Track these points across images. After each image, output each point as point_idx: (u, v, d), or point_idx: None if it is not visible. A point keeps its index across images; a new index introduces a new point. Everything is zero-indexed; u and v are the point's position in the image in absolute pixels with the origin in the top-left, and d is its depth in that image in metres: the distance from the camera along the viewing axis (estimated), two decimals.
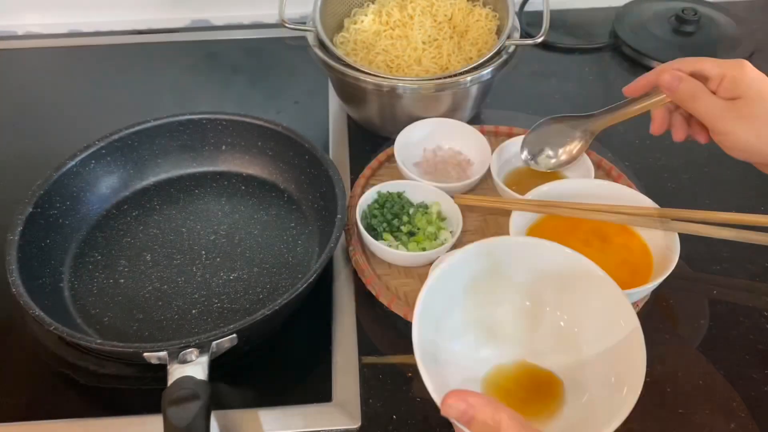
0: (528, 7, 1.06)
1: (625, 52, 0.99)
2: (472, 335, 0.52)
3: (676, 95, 0.59)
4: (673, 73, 0.59)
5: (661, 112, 0.62)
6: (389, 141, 0.78)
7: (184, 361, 0.53)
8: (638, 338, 0.46)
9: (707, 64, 0.58)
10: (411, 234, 0.69)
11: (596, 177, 0.73)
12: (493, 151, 0.75)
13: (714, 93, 0.58)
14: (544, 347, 0.52)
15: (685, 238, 0.61)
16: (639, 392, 0.44)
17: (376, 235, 0.69)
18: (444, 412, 0.39)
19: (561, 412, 0.48)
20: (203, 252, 0.70)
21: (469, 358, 0.51)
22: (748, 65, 0.57)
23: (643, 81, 0.62)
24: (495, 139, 0.81)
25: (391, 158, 0.79)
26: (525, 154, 0.72)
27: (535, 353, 0.52)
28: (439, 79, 0.75)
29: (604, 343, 0.49)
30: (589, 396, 0.48)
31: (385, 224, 0.69)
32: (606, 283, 0.50)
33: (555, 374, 0.51)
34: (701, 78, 0.58)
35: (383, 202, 0.71)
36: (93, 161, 0.72)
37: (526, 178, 0.75)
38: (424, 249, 0.67)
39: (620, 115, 0.65)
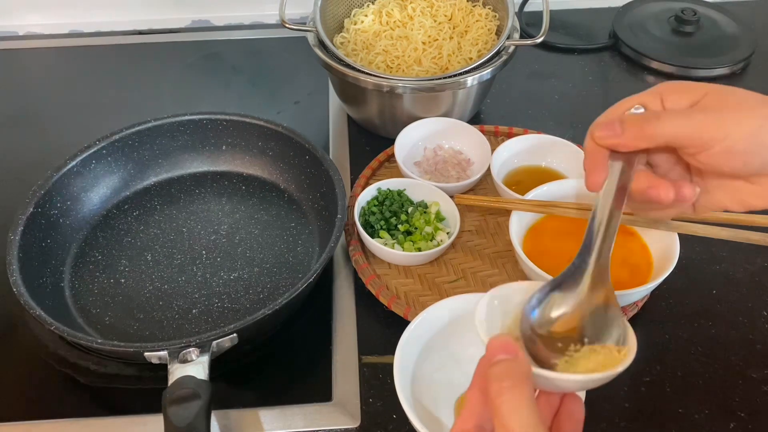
0: (528, 7, 1.06)
1: (625, 53, 0.99)
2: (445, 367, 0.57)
3: (626, 138, 0.42)
4: (603, 124, 0.43)
5: (644, 175, 0.44)
6: (389, 141, 0.79)
7: (185, 361, 0.53)
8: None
9: (632, 100, 0.45)
10: (408, 233, 0.69)
11: None
12: (493, 150, 0.75)
13: None
14: None
15: (685, 238, 0.62)
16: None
17: (373, 233, 0.69)
18: (490, 343, 0.37)
19: None
20: (204, 252, 0.70)
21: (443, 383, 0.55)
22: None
23: (591, 160, 0.44)
24: (495, 138, 0.81)
25: (391, 158, 0.79)
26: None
27: None
28: (439, 79, 0.75)
29: None
30: None
31: (382, 222, 0.69)
32: None
33: None
34: None
35: (383, 199, 0.71)
36: (94, 161, 0.72)
37: (526, 178, 0.75)
38: (419, 249, 0.67)
39: (612, 231, 0.43)
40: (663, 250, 0.63)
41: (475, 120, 0.86)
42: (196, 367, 0.53)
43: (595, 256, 0.42)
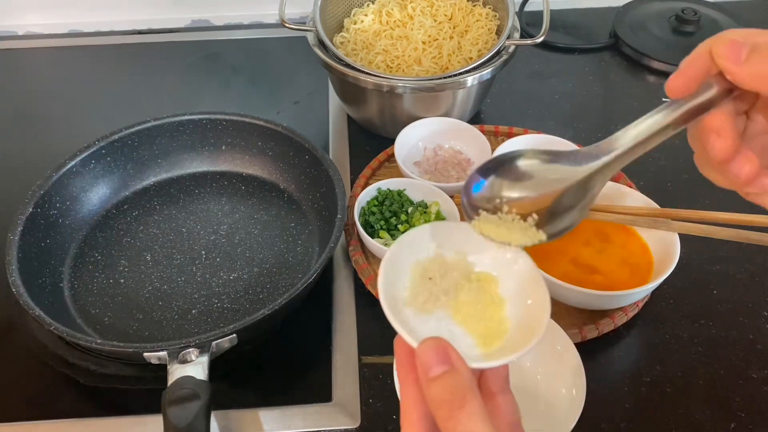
0: (528, 7, 1.06)
1: (625, 52, 0.99)
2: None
3: (744, 70, 0.33)
4: (731, 41, 0.33)
5: (723, 117, 0.35)
6: (389, 141, 0.78)
7: (184, 361, 0.53)
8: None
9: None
10: None
11: None
12: (493, 150, 0.75)
13: None
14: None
15: (685, 238, 0.61)
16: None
17: (373, 233, 0.69)
18: (419, 351, 0.33)
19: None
20: (203, 252, 0.70)
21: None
22: None
23: (690, 64, 0.35)
24: (495, 138, 0.81)
25: (391, 158, 0.79)
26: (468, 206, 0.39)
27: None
28: (439, 79, 0.75)
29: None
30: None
31: (382, 222, 0.69)
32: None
33: None
34: None
35: (383, 199, 0.71)
36: (93, 161, 0.72)
37: None
38: None
39: (654, 137, 0.36)
40: (663, 250, 0.63)
41: (475, 120, 0.86)
42: (196, 367, 0.53)
43: (618, 152, 0.36)
